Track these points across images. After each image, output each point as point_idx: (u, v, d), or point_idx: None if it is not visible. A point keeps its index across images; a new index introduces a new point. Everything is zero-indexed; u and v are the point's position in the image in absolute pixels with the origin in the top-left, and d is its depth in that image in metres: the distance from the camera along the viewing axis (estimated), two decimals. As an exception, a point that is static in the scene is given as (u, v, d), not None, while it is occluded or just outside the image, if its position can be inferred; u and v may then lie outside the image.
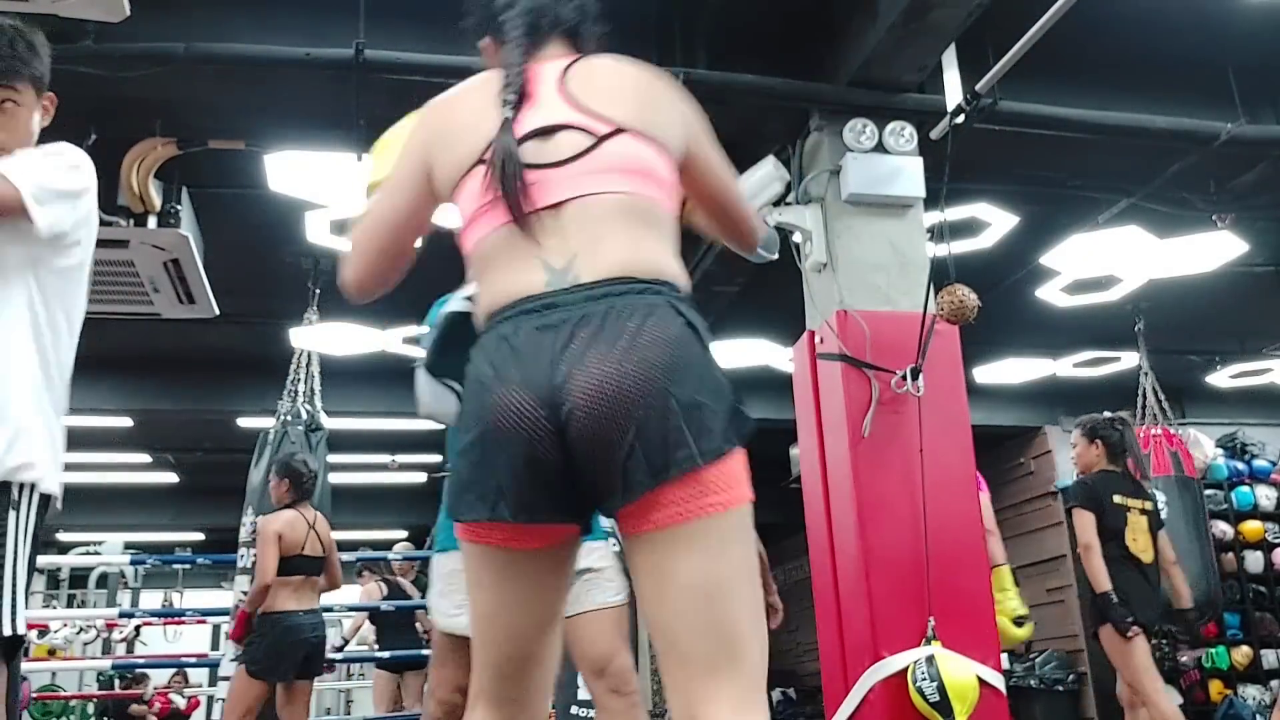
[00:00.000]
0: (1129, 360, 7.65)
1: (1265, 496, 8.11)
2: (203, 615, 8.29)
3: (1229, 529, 7.80)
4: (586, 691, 3.25)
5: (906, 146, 4.25)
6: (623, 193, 1.32)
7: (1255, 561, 7.86)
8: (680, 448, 1.18)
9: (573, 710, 3.74)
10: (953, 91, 4.07)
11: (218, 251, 4.92)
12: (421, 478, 10.70)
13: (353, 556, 6.66)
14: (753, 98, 4.25)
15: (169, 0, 3.86)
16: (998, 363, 7.96)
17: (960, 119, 3.98)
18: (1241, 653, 7.64)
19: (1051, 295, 6.38)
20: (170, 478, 11.12)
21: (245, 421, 8.03)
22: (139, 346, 7.14)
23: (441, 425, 2.63)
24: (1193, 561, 5.15)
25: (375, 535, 11.41)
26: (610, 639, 2.39)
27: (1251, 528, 7.91)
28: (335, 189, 4.54)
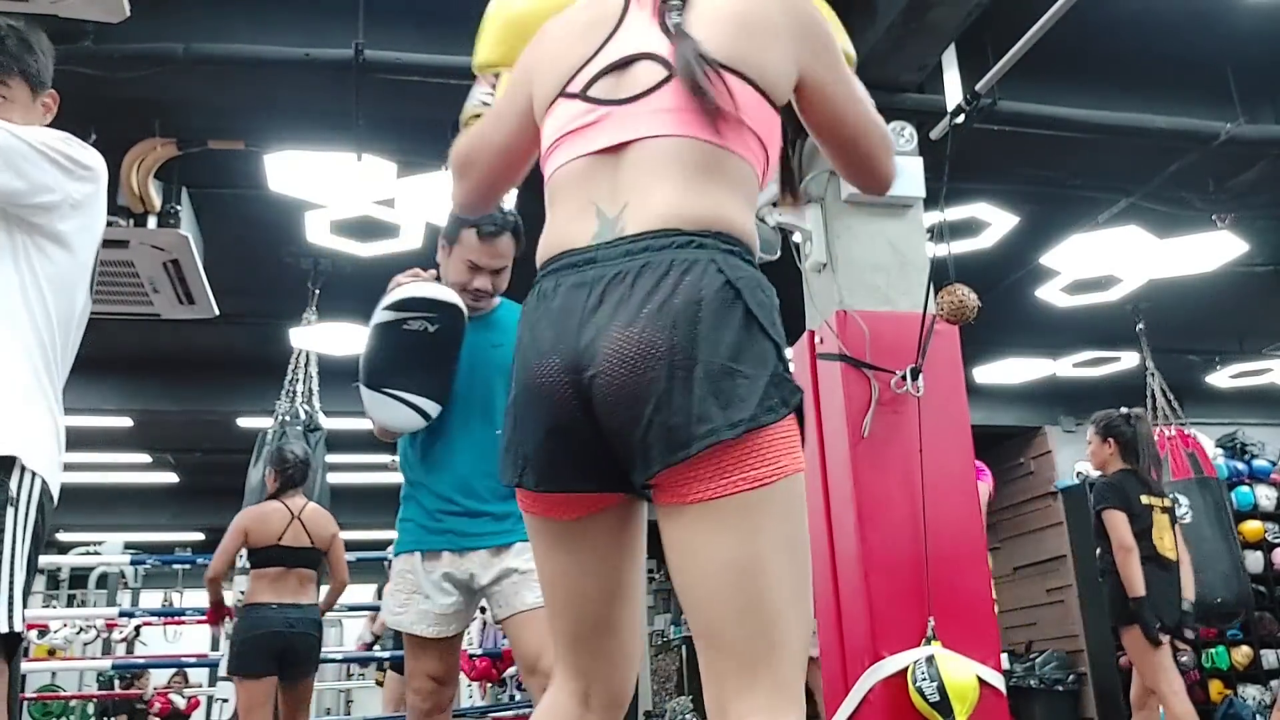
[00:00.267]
0: (1129, 360, 7.65)
1: (1265, 496, 8.12)
2: (203, 615, 8.27)
3: (1229, 529, 7.81)
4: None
5: (906, 146, 4.25)
6: (687, 135, 1.22)
7: (1255, 561, 7.86)
8: (704, 421, 1.09)
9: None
10: (952, 91, 4.07)
11: (217, 251, 4.92)
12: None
13: (353, 556, 6.65)
14: (752, 98, 4.25)
15: (168, 1, 3.86)
16: (998, 363, 7.96)
17: (960, 119, 3.98)
18: (1241, 653, 7.65)
19: (1051, 295, 6.37)
20: (170, 478, 11.13)
21: (245, 421, 8.04)
22: (139, 346, 7.15)
23: (393, 441, 2.66)
24: (1221, 562, 5.10)
25: (374, 535, 11.40)
26: (541, 638, 2.39)
27: (1251, 528, 7.91)
28: (335, 189, 4.54)
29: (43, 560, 1.86)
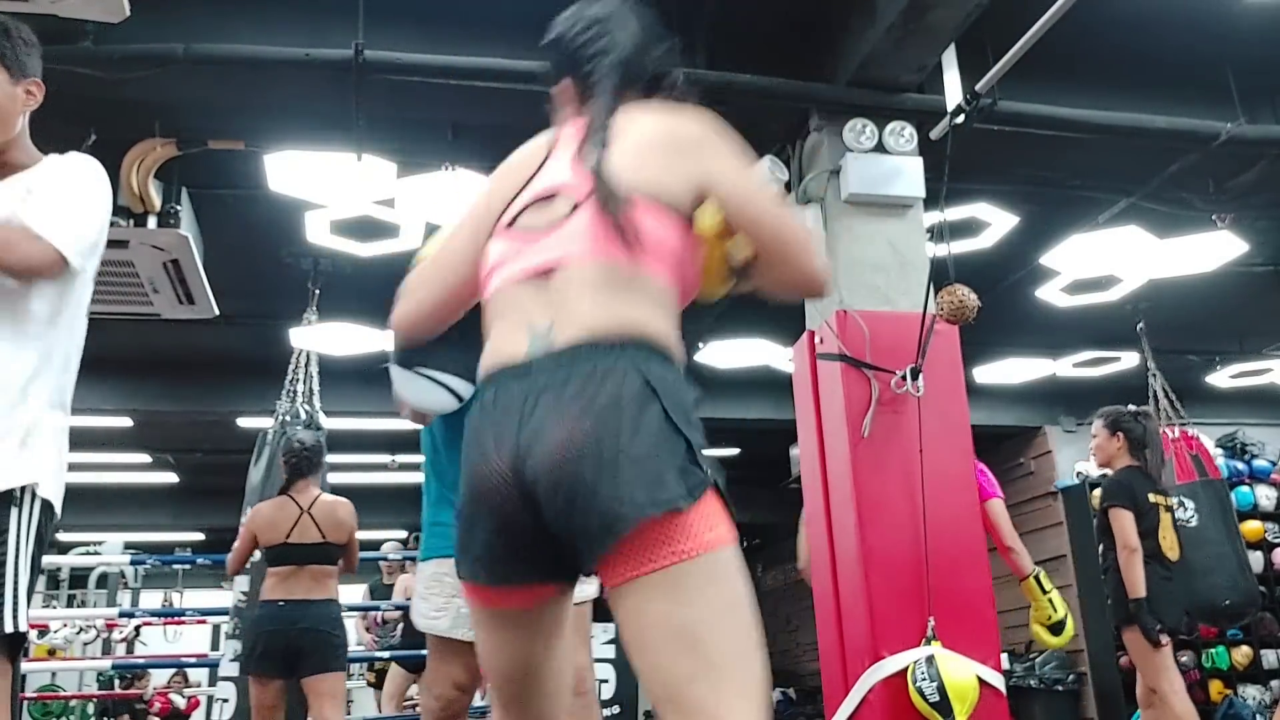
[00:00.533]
0: (1129, 360, 7.65)
1: (1265, 496, 8.12)
2: (203, 615, 8.27)
3: (1228, 529, 7.81)
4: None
5: (906, 146, 4.25)
6: (601, 258, 1.36)
7: (1255, 562, 7.82)
8: (632, 504, 1.21)
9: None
10: (952, 91, 4.07)
11: (217, 252, 4.92)
12: (421, 478, 10.68)
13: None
14: (752, 98, 4.25)
15: (168, 1, 3.86)
16: (998, 363, 7.96)
17: (960, 119, 3.98)
18: (1241, 653, 7.65)
19: (1051, 295, 6.37)
20: (170, 478, 11.13)
21: (245, 422, 8.04)
22: (139, 346, 7.15)
23: (421, 426, 2.63)
24: (1229, 563, 5.10)
25: (374, 535, 11.40)
26: (574, 645, 2.38)
27: (1251, 528, 7.90)
28: (335, 189, 4.54)
29: (43, 560, 1.87)
